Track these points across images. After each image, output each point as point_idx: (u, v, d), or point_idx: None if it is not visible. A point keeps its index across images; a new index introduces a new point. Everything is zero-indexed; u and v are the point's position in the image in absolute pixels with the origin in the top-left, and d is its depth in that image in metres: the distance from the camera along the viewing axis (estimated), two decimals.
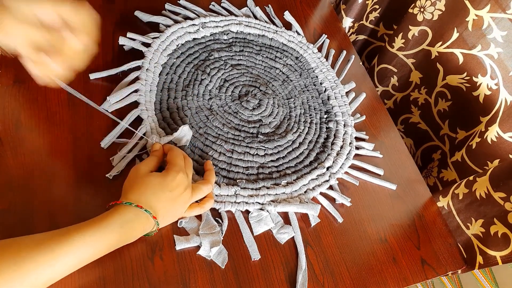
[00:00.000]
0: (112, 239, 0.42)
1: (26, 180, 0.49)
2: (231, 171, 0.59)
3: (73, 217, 0.48)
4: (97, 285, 0.45)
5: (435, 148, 0.84)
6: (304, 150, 0.66)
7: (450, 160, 0.75)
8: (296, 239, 0.56)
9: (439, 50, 0.79)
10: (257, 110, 0.67)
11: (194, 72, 0.67)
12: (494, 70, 0.69)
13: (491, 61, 0.69)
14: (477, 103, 0.73)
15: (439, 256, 0.61)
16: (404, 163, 0.71)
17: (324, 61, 0.80)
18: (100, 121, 0.56)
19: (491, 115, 0.69)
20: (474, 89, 0.73)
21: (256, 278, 0.51)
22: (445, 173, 0.77)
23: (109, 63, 0.62)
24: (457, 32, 0.74)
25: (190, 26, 0.71)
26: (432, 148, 0.85)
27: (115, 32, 0.67)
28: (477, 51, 0.71)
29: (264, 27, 0.79)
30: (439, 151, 0.82)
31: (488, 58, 0.70)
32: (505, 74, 0.67)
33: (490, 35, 0.68)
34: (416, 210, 0.66)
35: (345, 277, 0.55)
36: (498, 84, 0.68)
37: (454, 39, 0.75)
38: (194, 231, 0.52)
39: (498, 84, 0.68)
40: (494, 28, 0.68)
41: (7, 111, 0.53)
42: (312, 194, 0.60)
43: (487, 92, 0.71)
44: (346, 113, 0.73)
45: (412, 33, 0.82)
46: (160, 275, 0.48)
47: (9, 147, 0.50)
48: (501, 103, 0.68)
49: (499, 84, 0.68)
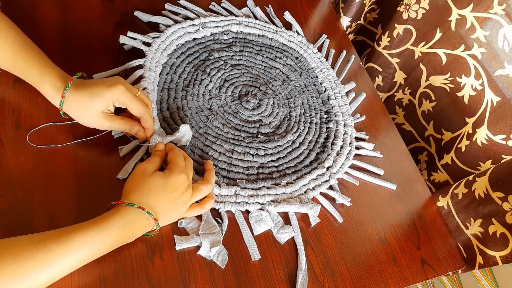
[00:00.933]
0: (113, 239, 0.42)
1: (26, 180, 0.49)
2: (231, 171, 0.59)
3: (73, 217, 0.48)
4: (97, 285, 0.45)
5: (421, 149, 0.83)
6: (304, 150, 0.66)
7: (440, 163, 0.75)
8: (296, 239, 0.56)
9: (422, 50, 0.78)
10: (257, 110, 0.67)
11: (194, 72, 0.67)
12: (478, 70, 0.68)
13: (474, 61, 0.68)
14: (462, 104, 0.72)
15: (439, 256, 0.61)
16: (404, 163, 0.71)
17: (324, 61, 0.80)
18: None
19: (477, 116, 0.68)
20: (458, 90, 0.72)
21: (256, 278, 0.51)
22: (436, 175, 0.76)
23: (109, 63, 0.62)
24: (440, 31, 0.73)
25: (190, 26, 0.71)
26: (418, 150, 0.84)
27: (115, 32, 0.67)
28: (460, 51, 0.70)
29: (264, 27, 0.79)
30: (425, 152, 0.82)
31: (471, 59, 0.69)
32: (489, 75, 0.66)
33: (473, 35, 0.67)
34: (416, 210, 0.66)
35: (345, 277, 0.55)
36: (483, 85, 0.67)
37: (437, 39, 0.74)
38: (194, 231, 0.52)
39: (483, 85, 0.67)
40: (477, 28, 0.66)
41: (7, 111, 0.53)
42: (312, 194, 0.60)
43: (472, 93, 0.70)
44: (346, 113, 0.73)
45: (397, 31, 0.81)
46: (160, 275, 0.48)
47: (9, 147, 0.50)
48: (487, 104, 0.67)
49: (484, 84, 0.67)
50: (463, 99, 0.71)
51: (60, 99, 0.49)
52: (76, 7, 0.67)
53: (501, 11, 0.62)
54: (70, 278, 0.43)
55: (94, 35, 0.65)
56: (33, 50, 0.50)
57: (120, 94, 0.49)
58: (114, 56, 0.64)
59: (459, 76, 0.72)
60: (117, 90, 0.49)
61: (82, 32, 0.65)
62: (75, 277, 0.44)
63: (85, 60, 0.62)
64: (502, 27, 0.63)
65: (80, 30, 0.65)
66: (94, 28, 0.66)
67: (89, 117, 0.50)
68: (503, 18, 0.63)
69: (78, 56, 0.62)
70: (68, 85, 0.49)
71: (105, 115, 0.50)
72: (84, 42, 0.64)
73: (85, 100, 0.49)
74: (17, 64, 0.49)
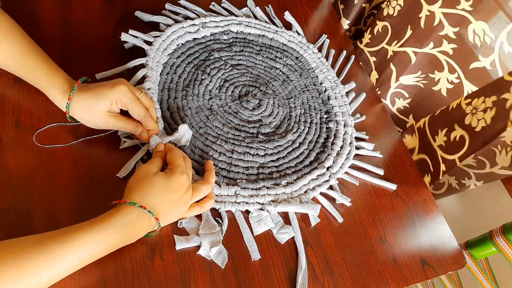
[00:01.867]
0: (114, 239, 0.42)
1: (26, 180, 0.49)
2: (231, 171, 0.59)
3: (73, 217, 0.48)
4: (97, 285, 0.45)
5: None
6: (304, 150, 0.66)
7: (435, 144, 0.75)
8: (296, 239, 0.56)
9: (393, 49, 0.77)
10: (257, 110, 0.67)
11: (194, 72, 0.67)
12: (451, 65, 0.68)
13: (446, 57, 0.68)
14: (440, 97, 0.72)
15: (439, 256, 0.62)
16: (404, 163, 0.71)
17: (324, 61, 0.80)
18: None
19: None
20: (434, 85, 0.72)
21: (256, 278, 0.51)
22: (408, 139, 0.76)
23: (109, 63, 0.62)
24: (410, 29, 0.73)
25: (191, 26, 0.71)
26: None
27: (115, 32, 0.67)
28: (430, 49, 0.70)
29: (264, 27, 0.79)
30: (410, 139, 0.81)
31: (442, 55, 0.69)
32: (465, 68, 0.66)
33: (442, 32, 0.67)
34: (416, 210, 0.66)
35: (345, 277, 0.55)
36: (459, 78, 0.67)
37: (407, 37, 0.74)
38: (194, 231, 0.52)
39: (459, 78, 0.67)
40: (445, 25, 0.66)
41: (7, 111, 0.53)
42: (312, 194, 0.60)
43: (449, 86, 0.69)
44: (346, 113, 0.73)
45: (377, 28, 0.80)
46: (160, 275, 0.48)
47: (9, 147, 0.50)
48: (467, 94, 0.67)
49: (460, 77, 0.67)
50: (441, 92, 0.71)
51: (67, 102, 0.50)
52: (76, 7, 0.67)
53: (468, 7, 0.62)
54: (70, 278, 0.43)
55: (94, 35, 0.65)
56: (40, 54, 0.51)
57: (123, 95, 0.50)
58: (114, 56, 0.64)
59: (432, 72, 0.71)
60: (121, 90, 0.50)
61: (82, 32, 0.65)
62: (75, 277, 0.44)
63: (85, 60, 0.62)
64: (471, 23, 0.63)
65: (80, 30, 0.65)
66: (94, 28, 0.66)
67: (95, 117, 0.51)
68: (470, 14, 0.63)
69: (78, 56, 0.62)
70: (74, 88, 0.50)
71: (110, 114, 0.51)
72: (84, 42, 0.64)
73: (90, 101, 0.50)
74: (25, 68, 0.50)
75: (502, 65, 0.62)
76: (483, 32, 0.62)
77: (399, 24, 0.75)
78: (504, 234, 0.58)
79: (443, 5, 0.66)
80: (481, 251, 0.62)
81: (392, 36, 0.77)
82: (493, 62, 0.63)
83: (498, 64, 0.63)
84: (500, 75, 0.62)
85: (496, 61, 0.62)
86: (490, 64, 0.63)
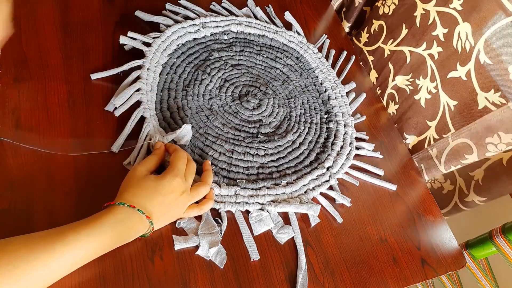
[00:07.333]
0: (107, 239, 0.41)
1: (26, 180, 0.49)
2: (231, 171, 0.59)
3: (73, 217, 0.47)
4: (97, 284, 0.45)
5: None
6: (304, 150, 0.66)
7: None
8: (296, 239, 0.56)
9: (390, 48, 0.77)
10: (257, 110, 0.67)
11: (194, 72, 0.67)
12: (433, 71, 0.67)
13: (431, 61, 0.68)
14: (420, 108, 0.71)
15: (439, 256, 0.62)
16: (404, 163, 0.71)
17: (325, 61, 0.80)
18: (100, 121, 0.56)
19: (437, 120, 0.68)
20: (416, 92, 0.72)
21: (256, 278, 0.51)
22: None
23: (109, 63, 0.62)
24: (405, 28, 0.72)
25: (191, 26, 0.71)
26: None
27: (115, 32, 0.67)
28: (422, 49, 0.69)
29: (265, 27, 0.79)
30: None
31: (429, 58, 0.68)
32: (443, 76, 0.65)
33: (434, 32, 0.66)
34: (416, 210, 0.66)
35: (345, 277, 0.55)
36: (437, 88, 0.66)
37: (403, 36, 0.73)
38: (193, 231, 0.52)
39: (437, 88, 0.66)
40: (438, 25, 0.65)
41: (7, 111, 0.53)
42: (312, 194, 0.60)
43: (427, 96, 0.69)
44: (346, 113, 0.73)
45: (374, 27, 0.80)
46: (160, 275, 0.48)
47: (9, 147, 0.50)
48: (444, 107, 0.66)
49: (438, 87, 0.66)
50: (420, 102, 0.71)
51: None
52: (76, 7, 0.67)
53: (459, 7, 0.62)
54: (70, 278, 0.43)
55: (94, 35, 0.65)
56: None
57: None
58: (114, 56, 0.64)
59: (418, 77, 0.71)
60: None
61: (82, 32, 0.65)
62: (75, 276, 0.44)
63: (85, 60, 0.62)
64: (458, 24, 0.62)
65: (80, 30, 0.65)
66: (94, 28, 0.66)
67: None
68: (459, 14, 0.62)
69: (78, 56, 0.62)
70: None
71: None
72: (84, 42, 0.64)
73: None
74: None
75: (478, 76, 0.60)
76: (465, 36, 0.61)
77: (394, 23, 0.75)
78: (504, 234, 0.57)
79: (437, 3, 0.65)
80: (481, 251, 0.62)
81: (388, 35, 0.77)
82: (469, 72, 0.61)
83: (473, 75, 0.60)
84: (475, 87, 0.60)
85: (472, 71, 0.60)
86: (466, 74, 0.61)
